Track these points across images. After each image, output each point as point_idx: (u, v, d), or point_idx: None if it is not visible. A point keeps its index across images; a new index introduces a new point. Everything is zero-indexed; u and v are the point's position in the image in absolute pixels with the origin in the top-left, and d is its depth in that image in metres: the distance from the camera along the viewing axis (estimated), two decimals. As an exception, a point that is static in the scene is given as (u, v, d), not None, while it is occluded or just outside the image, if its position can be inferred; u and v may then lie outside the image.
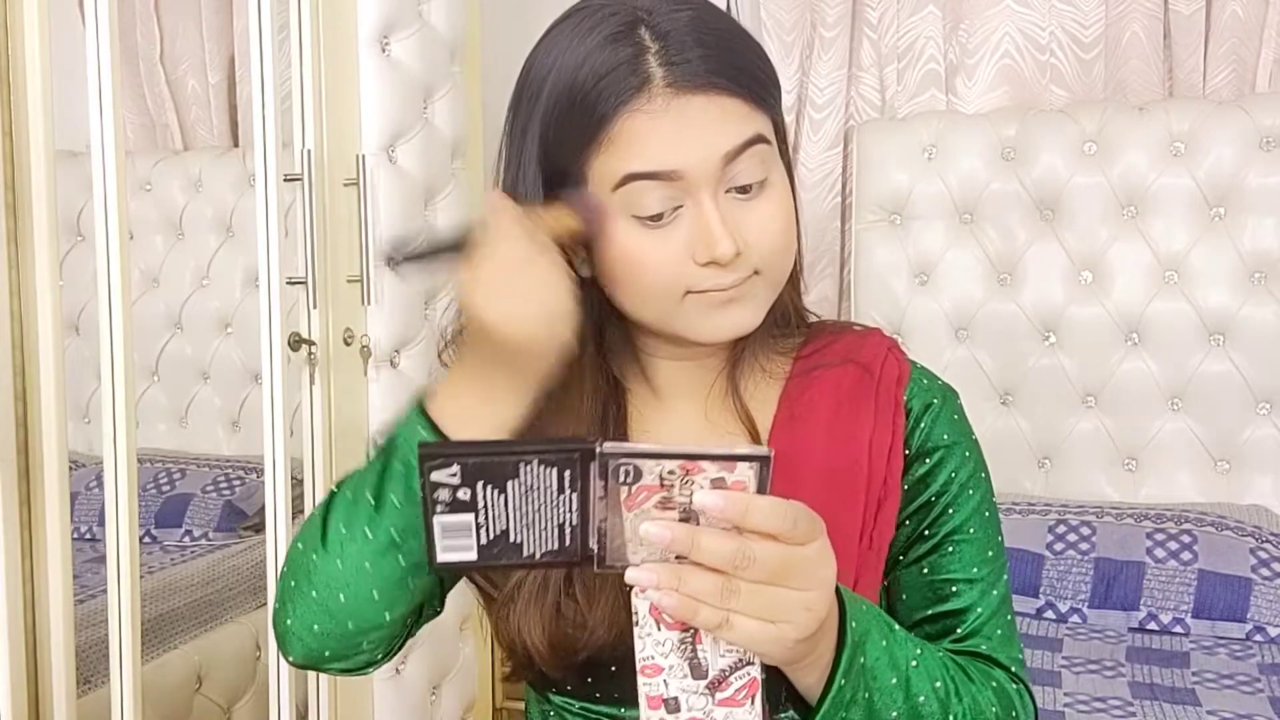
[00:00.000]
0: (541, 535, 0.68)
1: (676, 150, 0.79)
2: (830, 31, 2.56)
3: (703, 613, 0.66)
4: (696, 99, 0.78)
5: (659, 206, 0.80)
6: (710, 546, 0.65)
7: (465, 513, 0.67)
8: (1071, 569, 2.10)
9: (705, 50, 0.79)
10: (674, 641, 0.70)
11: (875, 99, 2.58)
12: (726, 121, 0.79)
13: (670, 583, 0.66)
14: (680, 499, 0.65)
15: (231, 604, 2.24)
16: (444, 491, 0.66)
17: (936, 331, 2.46)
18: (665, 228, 0.81)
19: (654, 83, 0.78)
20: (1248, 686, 1.82)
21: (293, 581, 0.84)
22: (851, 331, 0.97)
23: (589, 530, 0.67)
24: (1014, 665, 0.91)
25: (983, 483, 0.93)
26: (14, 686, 1.46)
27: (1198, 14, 2.38)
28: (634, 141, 0.79)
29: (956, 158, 2.44)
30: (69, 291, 1.59)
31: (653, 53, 0.79)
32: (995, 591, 0.91)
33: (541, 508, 0.67)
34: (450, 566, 0.69)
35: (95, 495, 2.06)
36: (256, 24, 1.79)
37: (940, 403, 0.93)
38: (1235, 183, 2.30)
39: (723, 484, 0.65)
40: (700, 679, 0.70)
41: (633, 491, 0.65)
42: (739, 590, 0.66)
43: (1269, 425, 2.31)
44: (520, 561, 0.68)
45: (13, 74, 1.44)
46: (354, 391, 1.99)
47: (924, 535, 0.91)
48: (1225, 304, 2.31)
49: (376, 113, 1.98)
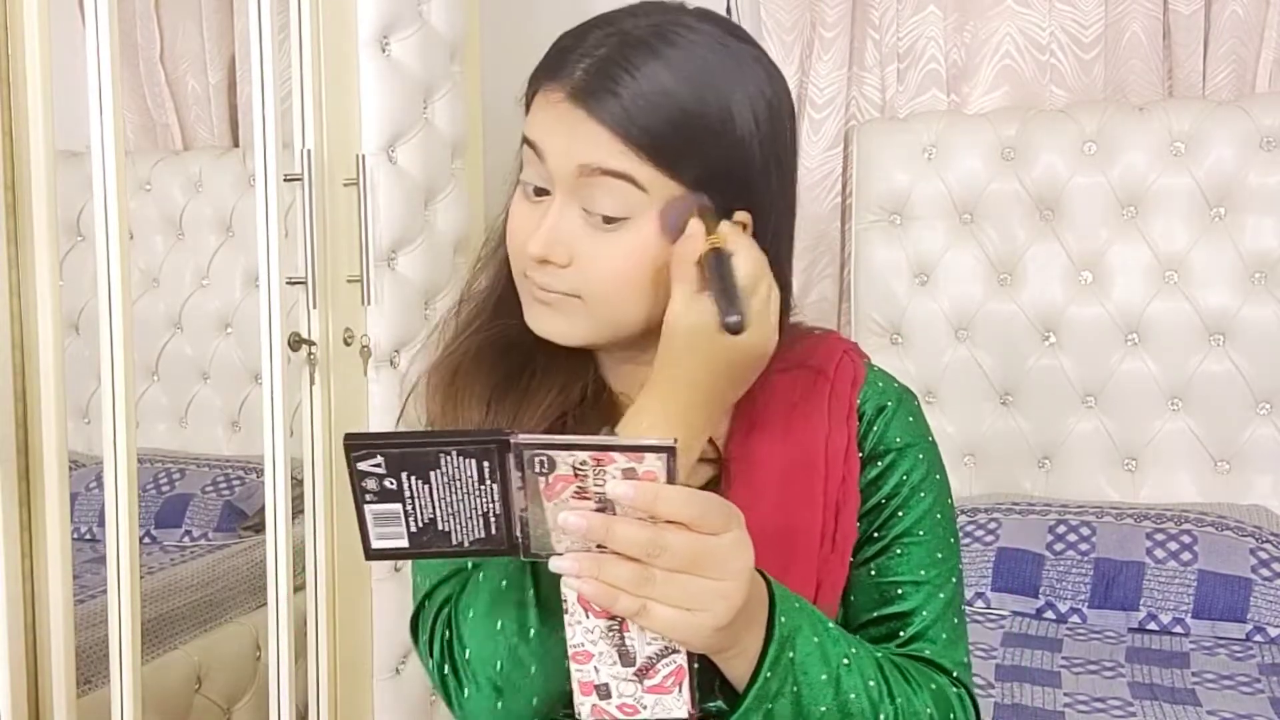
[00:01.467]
0: (468, 524, 0.70)
1: (549, 137, 0.84)
2: (830, 31, 2.56)
3: (621, 600, 0.69)
4: (581, 113, 0.82)
5: (537, 180, 0.86)
6: (624, 535, 0.68)
7: (393, 502, 0.69)
8: (1071, 569, 2.10)
9: (624, 96, 0.81)
10: (602, 629, 0.72)
11: (876, 99, 2.58)
12: (596, 143, 0.82)
13: (590, 571, 0.69)
14: (595, 489, 0.68)
15: (231, 604, 2.24)
16: (371, 481, 0.69)
17: (936, 331, 2.46)
18: (536, 204, 0.86)
19: (569, 80, 0.83)
20: (1248, 687, 1.82)
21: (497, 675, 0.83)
22: (810, 336, 0.97)
23: (512, 519, 0.69)
24: (957, 670, 0.91)
25: (937, 485, 0.94)
26: (14, 686, 1.46)
27: (1198, 14, 2.38)
28: (534, 110, 0.86)
29: (957, 158, 2.44)
30: (69, 291, 1.59)
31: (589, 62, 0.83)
32: (942, 595, 0.92)
33: (465, 497, 0.69)
34: (384, 554, 0.71)
35: (95, 495, 2.05)
36: (256, 24, 1.78)
37: (895, 405, 0.95)
38: (1235, 183, 2.30)
39: (634, 474, 0.67)
40: (629, 666, 0.72)
41: (550, 481, 0.68)
42: (654, 578, 0.69)
43: (1269, 425, 2.31)
44: (450, 549, 0.71)
45: (13, 74, 1.44)
46: (354, 391, 1.99)
47: (874, 537, 0.93)
48: (1225, 304, 2.31)
49: (376, 113, 1.97)
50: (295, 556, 1.88)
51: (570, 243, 0.84)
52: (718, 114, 0.83)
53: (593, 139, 0.82)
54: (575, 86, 0.82)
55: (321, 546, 1.94)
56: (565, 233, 0.84)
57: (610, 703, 0.73)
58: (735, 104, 0.83)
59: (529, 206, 0.87)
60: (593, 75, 0.82)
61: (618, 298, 0.85)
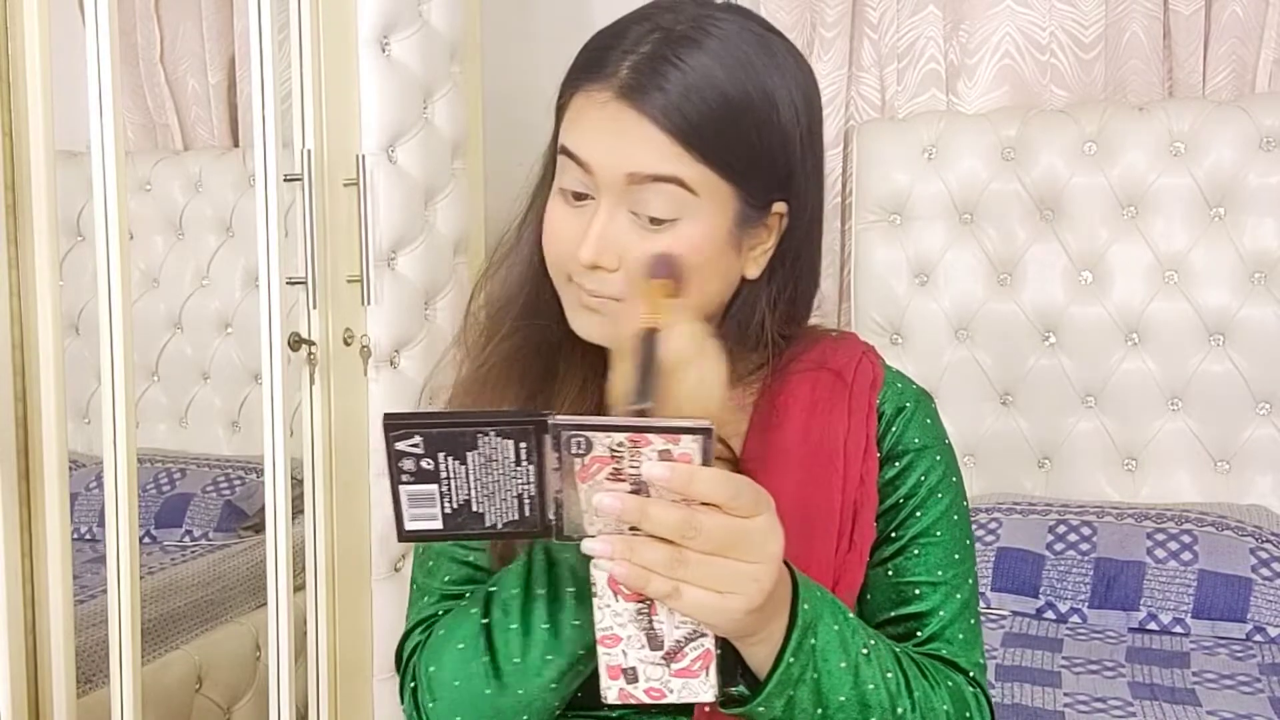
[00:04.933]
0: (502, 505, 0.70)
1: (593, 144, 0.83)
2: (830, 31, 2.56)
3: (654, 582, 0.69)
4: (631, 113, 0.81)
5: (578, 187, 0.85)
6: (659, 516, 0.68)
7: (430, 483, 0.69)
8: (1071, 569, 2.10)
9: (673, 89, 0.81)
10: (631, 612, 0.72)
11: (875, 99, 2.58)
12: (646, 147, 0.81)
13: (623, 553, 0.68)
14: (631, 471, 0.67)
15: (231, 604, 2.24)
16: (408, 461, 0.69)
17: (936, 331, 2.46)
18: (578, 209, 0.85)
19: (614, 79, 0.82)
20: (1248, 687, 1.82)
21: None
22: (827, 338, 0.98)
23: (546, 501, 0.69)
24: (974, 670, 0.92)
25: (953, 487, 0.95)
26: (14, 686, 1.46)
27: (1198, 14, 2.38)
28: (574, 118, 0.85)
29: (956, 158, 2.44)
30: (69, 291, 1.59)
31: (634, 58, 0.82)
32: (959, 595, 0.92)
33: (501, 478, 0.69)
34: (417, 535, 0.71)
35: (95, 495, 2.05)
36: (256, 24, 1.78)
37: (913, 407, 0.95)
38: (1235, 183, 2.30)
39: (669, 456, 0.67)
40: (657, 650, 0.73)
41: (586, 463, 0.67)
42: (688, 560, 0.69)
43: (1269, 425, 2.31)
44: (483, 531, 0.71)
45: (13, 74, 1.44)
46: (354, 391, 2.00)
47: (891, 537, 0.93)
48: (1225, 304, 2.31)
49: (376, 113, 1.98)
50: (295, 556, 1.88)
51: (619, 247, 0.84)
52: (763, 104, 0.84)
53: (642, 140, 0.81)
54: (623, 84, 0.82)
55: (321, 546, 1.94)
56: (614, 237, 0.84)
57: (637, 686, 0.73)
58: (778, 94, 0.84)
59: (569, 211, 0.86)
60: (640, 72, 0.81)
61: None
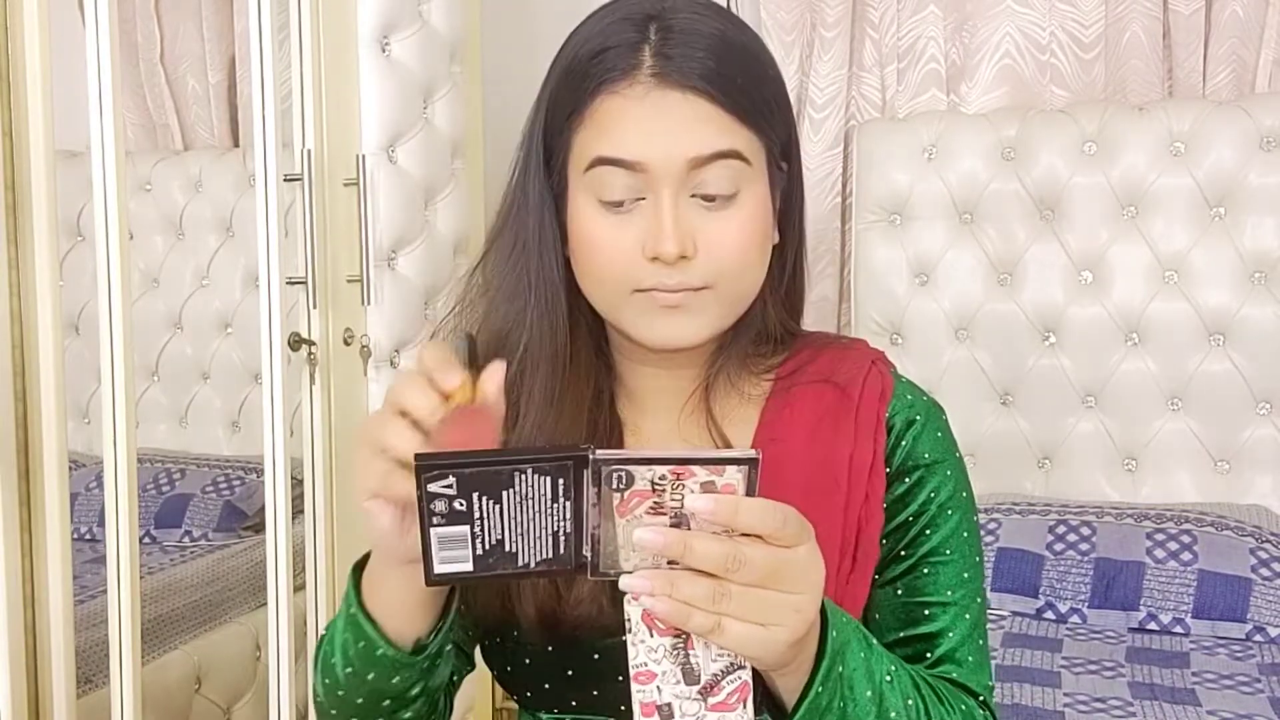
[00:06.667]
0: (536, 544, 0.68)
1: (644, 141, 0.80)
2: (830, 31, 2.56)
3: (695, 617, 0.66)
4: (675, 95, 0.80)
5: (622, 194, 0.82)
6: (702, 550, 0.65)
7: (461, 524, 0.67)
8: (1071, 569, 2.10)
9: (703, 55, 0.80)
10: (666, 647, 0.70)
11: (876, 99, 2.58)
12: (701, 126, 0.80)
13: (663, 588, 0.66)
14: (671, 504, 0.65)
15: (231, 604, 2.23)
16: (440, 503, 0.66)
17: (936, 331, 2.46)
18: (624, 215, 0.82)
19: (640, 70, 0.80)
20: (1248, 687, 1.82)
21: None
22: (836, 345, 0.95)
23: (583, 538, 0.67)
24: (984, 693, 0.90)
25: (964, 503, 0.92)
26: (14, 686, 1.46)
27: (1198, 14, 2.38)
28: (607, 123, 0.81)
29: (957, 158, 2.44)
30: (69, 291, 1.59)
31: (651, 44, 0.81)
32: (968, 615, 0.90)
33: (536, 516, 0.67)
34: (447, 578, 0.68)
35: (95, 495, 2.05)
36: (256, 24, 1.79)
37: (923, 420, 0.92)
38: (1235, 183, 2.30)
39: (712, 487, 0.65)
40: (693, 684, 0.70)
41: (625, 498, 0.65)
42: (730, 594, 0.66)
43: (1269, 425, 2.31)
44: (515, 571, 0.68)
45: (13, 74, 1.44)
46: (354, 391, 2.00)
47: (900, 555, 0.90)
48: (1225, 304, 2.31)
49: (376, 113, 1.98)
50: (295, 556, 1.88)
51: (694, 232, 0.82)
52: (768, 55, 0.86)
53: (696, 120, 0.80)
54: (656, 70, 0.80)
55: (321, 546, 1.94)
56: (687, 225, 0.82)
57: None
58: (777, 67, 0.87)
59: (615, 221, 0.83)
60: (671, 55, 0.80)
61: (744, 270, 0.85)
